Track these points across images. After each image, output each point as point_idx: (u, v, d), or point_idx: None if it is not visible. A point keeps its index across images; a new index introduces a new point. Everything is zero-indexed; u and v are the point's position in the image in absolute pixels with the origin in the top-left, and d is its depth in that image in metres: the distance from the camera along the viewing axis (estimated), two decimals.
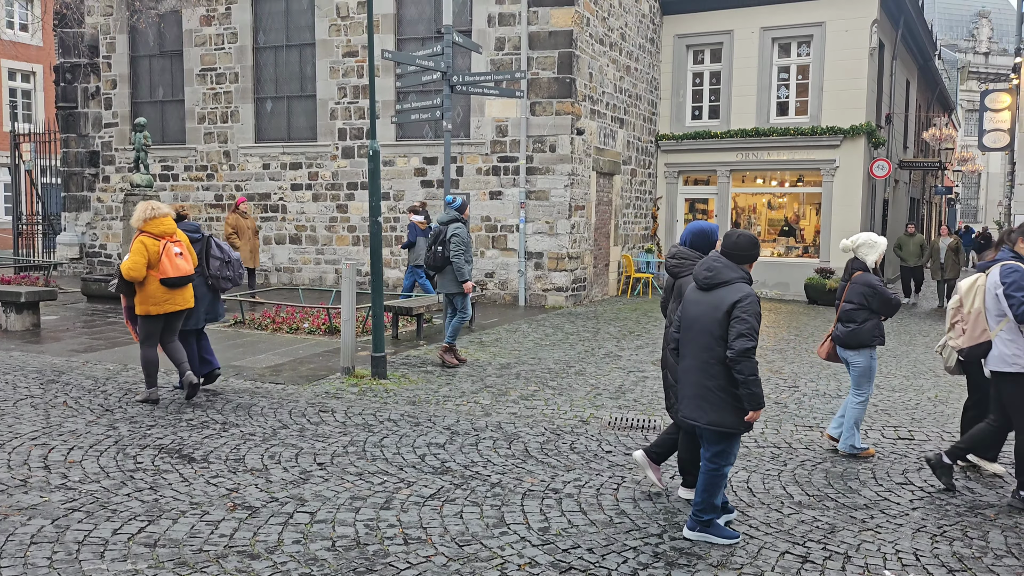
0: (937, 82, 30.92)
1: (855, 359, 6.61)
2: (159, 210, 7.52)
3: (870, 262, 6.67)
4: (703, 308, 4.75)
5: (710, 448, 4.80)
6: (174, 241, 7.58)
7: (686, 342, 4.87)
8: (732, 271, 4.74)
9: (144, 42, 19.25)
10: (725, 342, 4.62)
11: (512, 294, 16.12)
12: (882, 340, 6.64)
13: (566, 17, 15.44)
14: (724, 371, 4.65)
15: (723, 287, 4.71)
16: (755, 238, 4.86)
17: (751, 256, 4.81)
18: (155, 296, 7.42)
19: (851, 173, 18.80)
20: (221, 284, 8.13)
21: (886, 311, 6.58)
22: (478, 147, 16.20)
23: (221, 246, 8.20)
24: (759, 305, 4.68)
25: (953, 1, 51.79)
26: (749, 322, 4.56)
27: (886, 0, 19.15)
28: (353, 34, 17.05)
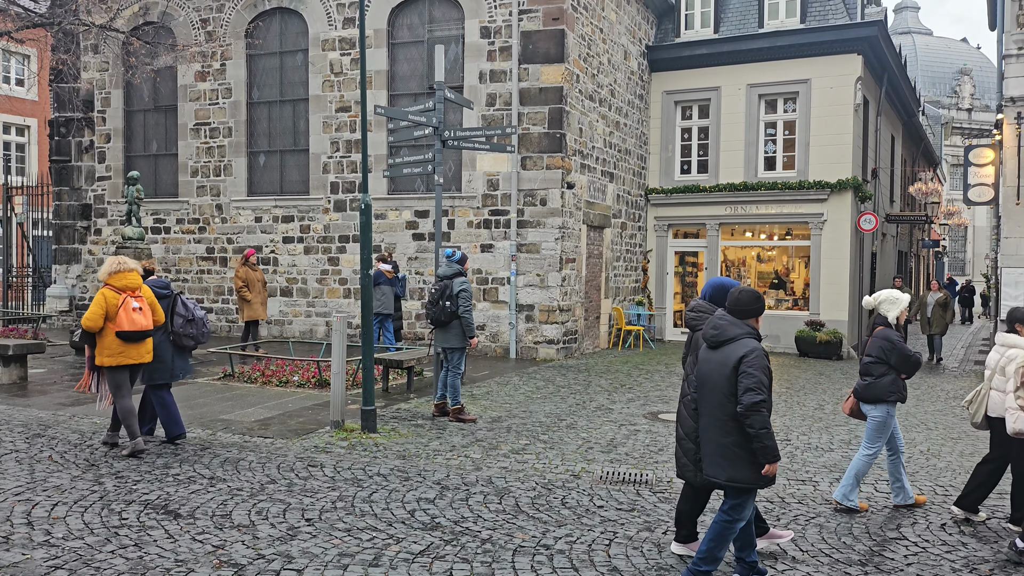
0: (922, 137, 31.43)
1: (872, 413, 6.62)
2: (125, 265, 7.74)
3: (891, 317, 6.74)
4: (713, 366, 4.84)
5: (728, 501, 4.83)
6: (135, 296, 7.72)
7: (701, 400, 4.95)
8: (737, 327, 4.82)
9: (139, 97, 19.46)
10: (736, 398, 4.67)
11: (503, 346, 16.10)
12: (901, 397, 6.64)
13: (556, 74, 15.70)
14: (738, 427, 4.70)
15: (730, 344, 4.78)
16: (756, 293, 4.92)
17: (754, 311, 4.88)
18: (111, 348, 7.61)
19: (839, 226, 18.98)
20: (183, 341, 8.26)
21: (904, 368, 6.61)
22: (469, 200, 16.33)
23: (187, 304, 8.34)
24: (767, 359, 4.73)
25: (936, 59, 52.88)
26: (756, 376, 4.61)
27: (869, 58, 19.56)
28: (346, 90, 17.28)
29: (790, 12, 19.70)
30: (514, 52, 15.82)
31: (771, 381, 4.73)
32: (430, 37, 16.68)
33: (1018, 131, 14.97)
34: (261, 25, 18.11)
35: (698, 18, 20.67)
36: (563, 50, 15.65)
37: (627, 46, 19.27)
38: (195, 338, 8.32)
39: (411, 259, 16.79)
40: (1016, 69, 15.08)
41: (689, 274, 21.19)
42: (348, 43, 17.25)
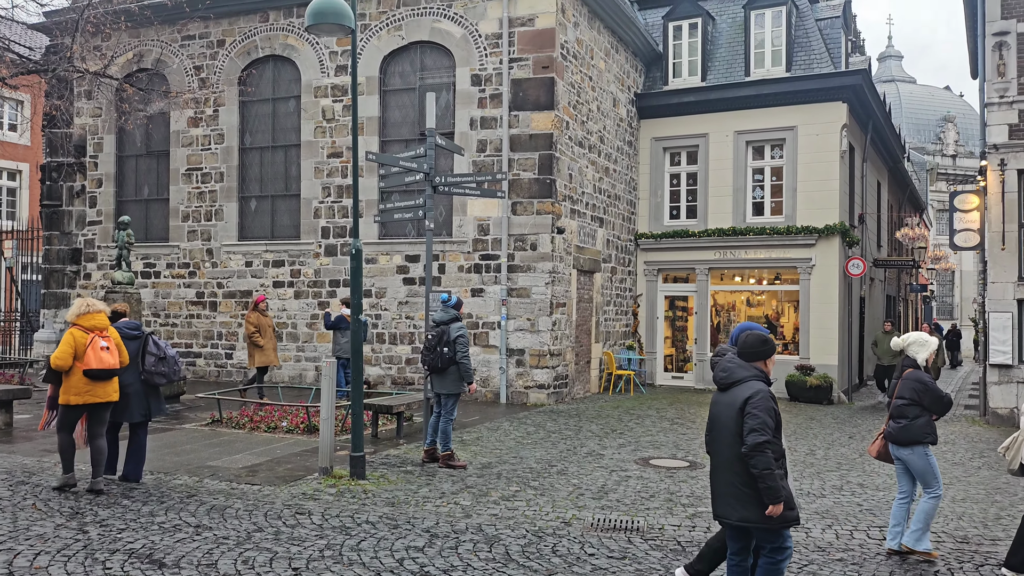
0: (907, 183, 31.80)
1: (909, 458, 6.65)
2: (94, 306, 8.02)
3: (921, 360, 6.80)
4: (722, 408, 4.94)
5: (764, 544, 4.90)
6: (103, 335, 7.94)
7: (713, 441, 5.03)
8: (745, 370, 4.91)
9: (131, 142, 19.57)
10: (742, 439, 4.73)
11: (494, 391, 16.04)
12: (934, 439, 6.68)
13: (546, 121, 15.88)
14: (745, 467, 4.75)
15: (737, 386, 4.88)
16: (764, 336, 5.00)
17: (761, 353, 4.96)
18: (77, 387, 7.79)
19: (827, 271, 19.11)
20: (155, 379, 8.45)
21: (938, 409, 6.66)
22: (460, 245, 16.39)
23: (158, 343, 8.55)
24: (773, 401, 4.79)
25: (920, 106, 53.67)
26: (760, 417, 4.68)
27: (854, 106, 19.86)
28: (338, 136, 17.42)
29: (776, 61, 20.04)
30: (504, 99, 16.01)
31: (779, 423, 4.77)
32: (421, 84, 16.89)
33: (1002, 177, 15.18)
34: (254, 72, 18.30)
35: (685, 66, 21.00)
36: (553, 97, 15.86)
37: (616, 93, 19.54)
38: (167, 376, 8.53)
39: (401, 303, 16.80)
40: (998, 117, 15.34)
41: (679, 318, 21.23)
42: (340, 90, 17.44)
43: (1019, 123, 15.18)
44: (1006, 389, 15.13)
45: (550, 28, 15.85)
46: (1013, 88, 15.18)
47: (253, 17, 18.24)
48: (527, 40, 15.96)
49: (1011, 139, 15.19)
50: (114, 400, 8.03)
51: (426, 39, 16.80)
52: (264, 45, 18.18)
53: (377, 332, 16.89)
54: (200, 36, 18.72)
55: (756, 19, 20.29)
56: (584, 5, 17.40)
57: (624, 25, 19.26)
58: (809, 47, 20.08)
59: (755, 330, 5.07)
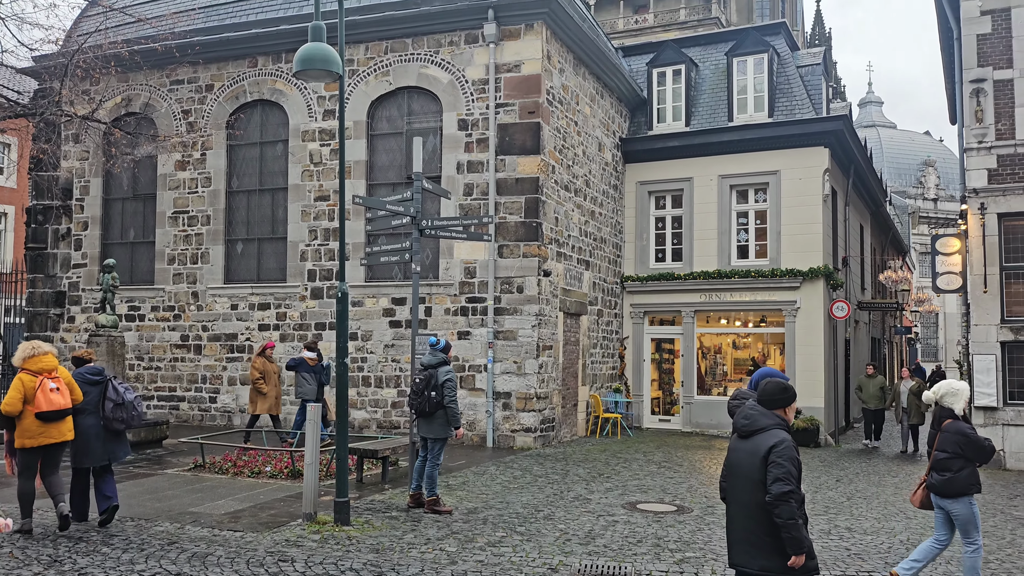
0: (890, 226, 32.17)
1: (955, 508, 6.64)
2: (39, 349, 8.13)
3: (958, 409, 6.80)
4: (742, 455, 4.89)
5: None
6: (52, 377, 8.03)
7: (731, 488, 4.99)
8: (767, 418, 4.87)
9: (118, 185, 19.58)
10: (765, 487, 4.70)
11: (480, 435, 15.94)
12: (979, 488, 6.67)
13: (532, 165, 16.01)
14: (767, 516, 4.71)
15: (759, 434, 4.83)
16: (783, 383, 4.97)
17: (781, 401, 4.92)
18: (31, 430, 7.88)
19: (812, 314, 19.20)
20: (114, 425, 8.50)
21: (981, 458, 6.67)
22: (447, 288, 16.40)
23: (118, 389, 8.62)
24: (796, 450, 4.76)
25: (900, 151, 54.51)
26: (785, 466, 4.65)
27: (836, 151, 20.15)
28: (325, 179, 17.50)
29: (758, 107, 20.35)
30: (491, 144, 16.15)
31: (799, 471, 4.75)
32: (409, 129, 17.03)
33: (982, 221, 15.37)
34: (242, 116, 18.42)
35: (670, 112, 21.29)
36: (539, 142, 16.01)
37: (601, 138, 19.75)
38: (125, 421, 8.59)
39: (387, 346, 16.74)
40: (977, 162, 15.59)
41: (666, 361, 21.24)
42: (328, 134, 17.56)
43: (998, 168, 15.42)
44: (992, 431, 15.16)
45: (536, 74, 16.06)
46: (991, 134, 15.45)
47: (242, 62, 18.40)
48: (513, 86, 16.16)
49: (990, 183, 15.42)
50: (69, 439, 8.11)
51: (413, 84, 16.98)
52: (252, 90, 18.32)
53: (363, 375, 16.81)
54: (189, 81, 18.86)
55: (738, 66, 20.64)
56: (569, 52, 17.67)
57: (609, 71, 19.55)
58: (791, 93, 20.41)
59: (776, 377, 5.05)
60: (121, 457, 8.75)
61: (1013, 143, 15.31)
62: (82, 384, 8.44)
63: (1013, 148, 15.31)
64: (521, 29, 16.16)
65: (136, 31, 17.70)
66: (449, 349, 10.00)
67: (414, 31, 16.84)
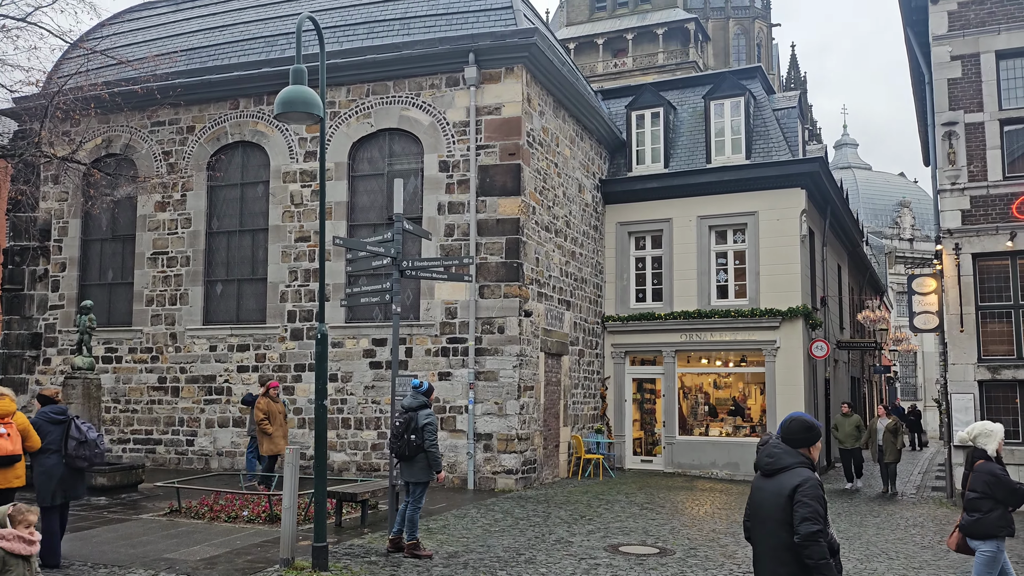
0: (867, 266, 32.52)
1: (982, 548, 6.59)
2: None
3: (991, 450, 6.77)
4: (767, 495, 4.82)
5: None
6: (4, 422, 7.99)
7: (755, 529, 4.91)
8: (791, 456, 4.82)
9: (97, 226, 19.48)
10: (791, 527, 4.63)
11: (461, 477, 15.80)
12: (1010, 531, 6.63)
13: (513, 206, 16.10)
14: (793, 556, 4.64)
15: (783, 473, 4.78)
16: (807, 422, 4.91)
17: (806, 440, 4.87)
18: None
19: (792, 354, 19.30)
20: (77, 463, 8.58)
21: (1012, 501, 6.61)
22: (428, 328, 16.36)
23: (80, 427, 8.70)
24: (821, 489, 4.72)
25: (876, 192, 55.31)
26: (811, 505, 4.60)
27: (812, 192, 20.42)
28: (306, 220, 17.50)
29: (736, 149, 20.62)
30: (472, 185, 16.25)
31: (826, 510, 4.70)
32: (390, 170, 17.11)
33: (957, 261, 15.58)
34: (223, 157, 18.45)
35: (649, 154, 21.54)
36: (519, 183, 16.12)
37: (581, 179, 19.93)
38: (88, 459, 8.68)
39: (368, 387, 16.63)
40: (950, 203, 15.84)
41: (647, 401, 21.23)
42: (309, 175, 17.61)
43: (971, 209, 15.68)
44: None
45: (516, 117, 16.22)
46: (964, 175, 15.73)
47: (224, 104, 18.47)
48: (494, 128, 16.31)
49: (964, 224, 15.66)
50: (17, 486, 8.05)
51: (395, 126, 17.10)
52: (234, 131, 18.38)
53: (343, 417, 16.66)
54: (170, 122, 18.89)
55: (715, 109, 20.96)
56: (549, 95, 17.88)
57: (588, 114, 19.79)
58: (767, 136, 20.72)
59: (801, 416, 5.01)
60: (80, 496, 8.88)
61: (985, 184, 15.58)
62: (45, 423, 8.50)
63: (985, 190, 15.58)
64: (502, 72, 16.36)
65: (118, 73, 17.77)
66: (432, 392, 9.95)
67: (395, 74, 17.00)
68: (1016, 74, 15.79)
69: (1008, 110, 15.65)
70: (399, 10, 18.08)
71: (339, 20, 18.35)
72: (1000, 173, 15.54)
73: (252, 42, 18.96)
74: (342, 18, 18.43)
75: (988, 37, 15.80)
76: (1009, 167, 15.61)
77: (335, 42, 17.62)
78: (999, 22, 15.75)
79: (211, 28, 20.13)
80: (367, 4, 18.66)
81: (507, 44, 16.12)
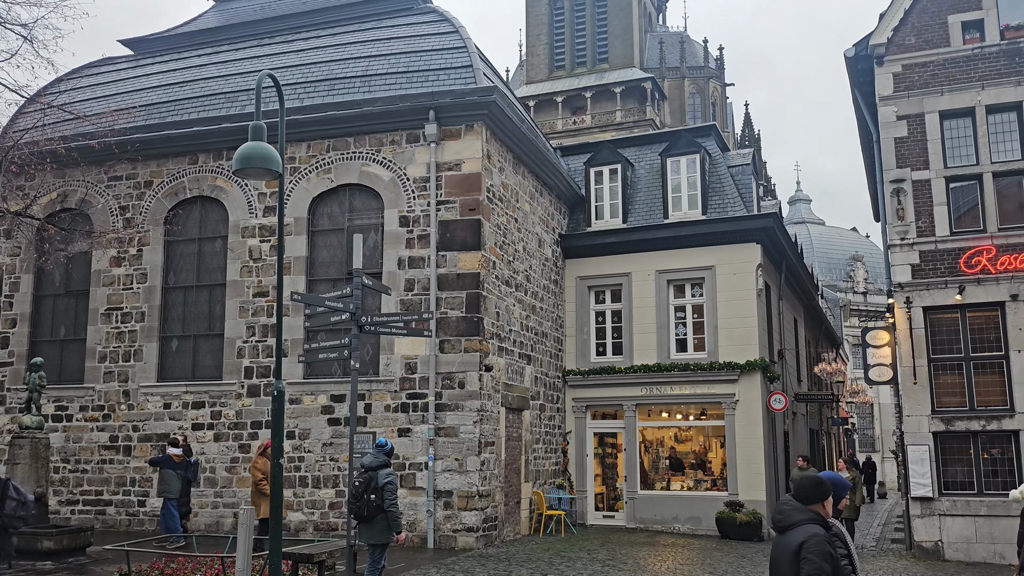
0: (823, 319, 33.04)
1: None
2: None
3: None
4: (780, 551, 4.89)
5: None
6: None
7: None
8: (800, 513, 4.88)
9: (50, 282, 19.14)
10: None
11: (421, 535, 15.53)
12: None
13: (473, 260, 16.16)
14: None
15: (792, 529, 4.85)
16: (818, 479, 4.98)
17: (815, 496, 4.93)
18: None
19: (750, 407, 19.43)
20: (14, 524, 8.62)
21: None
22: (387, 384, 16.22)
23: (18, 488, 8.70)
24: (828, 544, 4.75)
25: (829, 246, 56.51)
26: (816, 563, 4.64)
27: (767, 247, 20.80)
28: (264, 275, 17.38)
29: (692, 204, 20.99)
30: (432, 240, 16.30)
31: (837, 568, 4.72)
32: (350, 225, 17.11)
33: (909, 315, 15.91)
34: (181, 212, 18.32)
35: (607, 209, 21.82)
36: (479, 238, 16.21)
37: (541, 234, 20.10)
38: (25, 520, 8.72)
39: (326, 445, 16.37)
40: (901, 258, 16.23)
41: (609, 455, 21.17)
42: (268, 230, 17.54)
43: (921, 263, 16.07)
44: (929, 522, 15.34)
45: (476, 173, 16.38)
46: (912, 231, 16.15)
47: (182, 159, 18.41)
48: (454, 184, 16.44)
49: (914, 278, 16.03)
50: None
51: (355, 182, 17.16)
52: (192, 186, 18.29)
53: (300, 475, 16.36)
54: (127, 177, 18.74)
55: (672, 166, 21.37)
56: (509, 151, 18.10)
57: (548, 170, 20.05)
58: (723, 192, 21.14)
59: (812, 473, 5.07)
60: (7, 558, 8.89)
61: (934, 240, 16.01)
62: None
63: (934, 245, 16.01)
64: (462, 129, 16.55)
65: (75, 128, 17.65)
66: (393, 451, 9.86)
67: (356, 130, 17.11)
68: (960, 133, 16.36)
69: (953, 168, 16.17)
70: (360, 68, 18.28)
71: (301, 77, 18.49)
72: (947, 228, 15.99)
73: (212, 98, 19.00)
74: (303, 75, 18.57)
75: (932, 98, 16.39)
76: (956, 223, 16.08)
77: (296, 99, 17.72)
78: (942, 84, 16.36)
79: (171, 84, 20.14)
80: (329, 62, 18.84)
81: (467, 102, 16.35)
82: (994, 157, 15.97)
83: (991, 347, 15.57)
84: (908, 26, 16.72)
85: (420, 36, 18.90)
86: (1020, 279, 15.38)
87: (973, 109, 16.13)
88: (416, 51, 18.25)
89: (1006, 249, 15.54)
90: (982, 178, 15.95)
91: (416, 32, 19.17)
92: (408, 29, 19.45)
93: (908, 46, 16.68)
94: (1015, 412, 15.10)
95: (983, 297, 15.59)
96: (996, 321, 15.59)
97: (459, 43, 18.08)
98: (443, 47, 18.13)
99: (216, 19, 23.49)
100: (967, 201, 16.25)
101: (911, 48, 16.66)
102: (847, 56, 17.35)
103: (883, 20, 16.84)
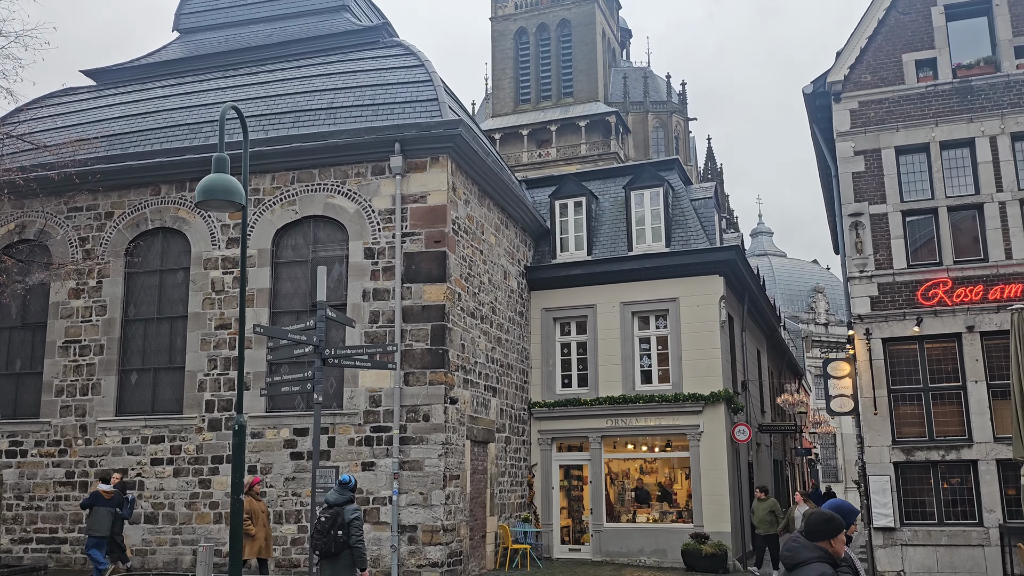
0: (785, 350, 33.40)
1: None
2: None
3: None
4: None
5: None
6: None
7: None
8: (808, 550, 4.83)
9: (6, 314, 18.74)
10: None
11: (384, 571, 15.31)
12: None
13: (438, 292, 16.14)
14: None
15: (800, 567, 4.79)
16: (828, 515, 4.93)
17: (824, 532, 4.88)
18: None
19: (715, 438, 19.50)
20: None
21: None
22: (351, 417, 16.06)
23: None
24: None
25: (791, 278, 57.27)
26: None
27: (730, 279, 21.03)
28: (227, 307, 17.18)
29: (656, 237, 21.20)
30: (397, 272, 16.26)
31: None
32: (314, 257, 17.03)
33: (868, 346, 16.13)
34: (142, 244, 18.10)
35: (572, 241, 21.96)
36: (445, 270, 16.21)
37: (507, 266, 20.15)
38: None
39: (288, 479, 16.14)
40: (860, 290, 16.48)
41: (575, 488, 21.09)
42: (231, 262, 17.37)
43: (879, 295, 16.33)
44: (891, 552, 15.45)
45: (442, 205, 16.41)
46: (871, 264, 16.44)
47: (144, 190, 18.23)
48: (420, 216, 16.45)
49: (873, 310, 16.28)
50: None
51: (320, 213, 17.09)
52: (155, 217, 18.10)
53: None
54: (88, 208, 18.50)
55: (636, 199, 21.59)
56: (474, 184, 18.18)
57: (513, 203, 20.15)
58: (686, 224, 21.38)
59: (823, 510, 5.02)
60: None
61: (892, 272, 16.29)
62: None
63: (892, 277, 16.29)
64: (427, 162, 16.61)
65: (34, 158, 17.44)
66: (356, 487, 9.76)
67: (321, 162, 17.09)
68: (915, 168, 16.73)
69: (909, 202, 16.52)
70: (326, 100, 18.30)
71: (266, 109, 18.47)
72: (905, 261, 16.29)
73: (176, 129, 18.88)
74: (268, 107, 18.55)
75: (888, 134, 16.77)
76: (913, 255, 16.39)
77: (260, 130, 17.68)
78: (897, 120, 16.76)
79: (134, 115, 20.00)
80: (294, 94, 18.85)
81: (432, 135, 16.42)
82: (948, 191, 16.34)
83: (949, 378, 15.83)
84: (864, 64, 17.13)
85: (386, 69, 19.01)
86: (975, 311, 15.69)
87: (928, 145, 16.53)
88: (382, 84, 18.34)
89: (961, 282, 15.85)
90: (937, 212, 16.30)
91: (382, 65, 19.28)
92: (374, 62, 19.55)
93: (864, 83, 17.08)
94: (973, 442, 15.33)
95: (940, 329, 15.86)
96: (953, 352, 15.86)
97: (424, 76, 18.20)
98: (409, 80, 18.24)
99: (181, 50, 23.40)
100: (923, 234, 16.59)
101: (867, 85, 17.06)
102: (805, 93, 17.72)
103: (840, 58, 17.25)
